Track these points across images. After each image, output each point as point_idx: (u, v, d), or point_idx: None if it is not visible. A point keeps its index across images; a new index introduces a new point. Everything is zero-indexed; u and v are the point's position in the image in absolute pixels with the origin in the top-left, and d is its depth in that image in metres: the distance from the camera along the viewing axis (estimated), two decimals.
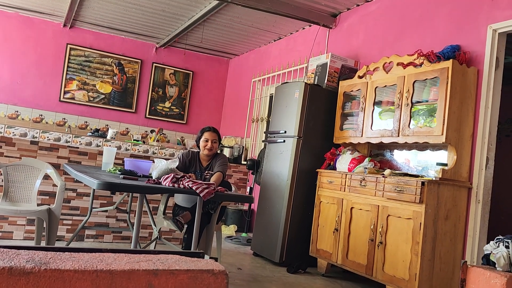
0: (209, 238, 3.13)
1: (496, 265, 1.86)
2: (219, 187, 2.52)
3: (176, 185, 2.40)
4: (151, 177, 2.75)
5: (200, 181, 2.43)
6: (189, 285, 1.02)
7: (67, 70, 6.56)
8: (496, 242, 1.95)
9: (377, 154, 3.97)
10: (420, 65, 3.30)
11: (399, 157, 3.78)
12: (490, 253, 1.94)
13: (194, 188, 2.33)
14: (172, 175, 2.44)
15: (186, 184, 2.37)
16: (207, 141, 3.36)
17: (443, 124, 3.04)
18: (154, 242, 3.22)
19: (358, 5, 4.55)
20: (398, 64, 3.50)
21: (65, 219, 3.98)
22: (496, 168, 3.19)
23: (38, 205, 3.43)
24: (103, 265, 0.98)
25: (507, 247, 1.82)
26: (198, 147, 3.45)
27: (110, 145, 4.40)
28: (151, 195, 3.83)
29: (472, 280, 1.84)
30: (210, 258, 1.17)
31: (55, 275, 0.93)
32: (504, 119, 5.71)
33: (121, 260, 1.02)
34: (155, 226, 3.02)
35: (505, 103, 3.23)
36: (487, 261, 1.96)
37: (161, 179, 2.50)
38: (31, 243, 3.48)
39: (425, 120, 3.34)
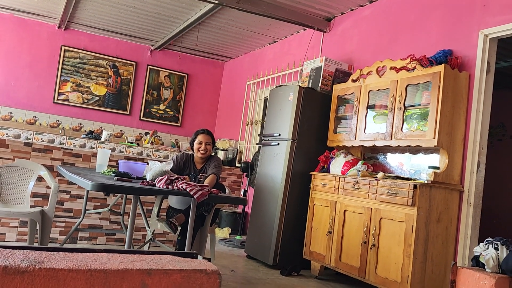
0: (202, 240, 3.14)
1: (486, 267, 1.88)
2: (213, 189, 2.53)
3: (170, 187, 2.41)
4: (145, 179, 2.76)
5: (194, 183, 2.44)
6: (182, 285, 1.03)
7: (61, 72, 6.55)
8: (485, 244, 1.97)
9: (370, 157, 4.00)
10: (413, 69, 3.33)
11: (392, 160, 3.81)
12: (480, 255, 1.96)
13: (188, 190, 2.34)
14: (166, 177, 2.45)
15: (180, 186, 2.38)
16: (200, 143, 3.37)
17: (435, 128, 3.08)
18: (148, 244, 3.22)
19: (352, 10, 4.59)
20: (391, 68, 3.53)
21: (58, 221, 3.96)
22: (489, 172, 3.23)
23: (31, 207, 3.42)
24: (97, 264, 0.99)
25: (496, 248, 1.85)
26: (192, 149, 3.47)
27: (104, 147, 4.39)
28: (145, 197, 3.83)
29: (462, 281, 1.86)
30: (204, 258, 1.18)
31: (50, 274, 0.94)
32: (496, 123, 5.78)
33: (115, 260, 1.03)
34: (149, 228, 3.02)
35: (497, 107, 3.27)
36: (476, 263, 1.99)
37: (155, 180, 2.51)
38: (24, 245, 3.46)
39: (418, 123, 3.37)
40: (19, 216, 3.19)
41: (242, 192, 5.83)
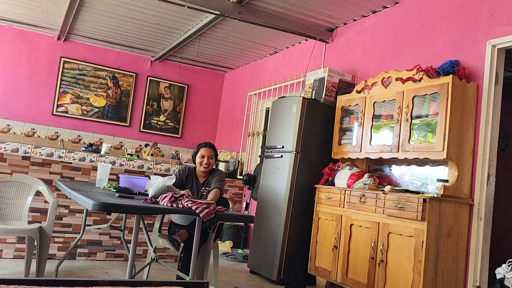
0: (206, 257, 3.05)
1: None
2: (219, 207, 2.45)
3: (174, 205, 2.33)
4: (147, 195, 2.67)
5: (200, 201, 2.35)
6: None
7: (60, 83, 6.48)
8: (508, 265, 1.89)
9: (376, 170, 3.92)
10: (420, 80, 3.27)
11: (398, 172, 3.73)
12: (504, 278, 1.88)
13: (193, 208, 2.26)
14: (170, 194, 2.36)
15: (185, 203, 2.29)
16: (203, 157, 3.28)
17: (444, 140, 3.01)
18: (150, 264, 3.12)
19: (355, 20, 4.55)
20: (397, 79, 3.47)
21: (57, 236, 3.87)
22: None
23: (29, 222, 3.33)
24: None
25: None
26: (194, 162, 3.38)
27: (104, 161, 4.31)
28: None
29: None
30: None
31: None
32: (499, 133, 5.72)
33: None
34: (151, 246, 2.92)
35: (500, 117, 3.21)
36: (501, 286, 1.90)
37: (159, 198, 2.42)
38: (21, 263, 3.36)
39: (425, 135, 3.30)
40: (16, 234, 3.09)
41: (244, 205, 5.74)
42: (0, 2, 5.28)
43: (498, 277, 1.96)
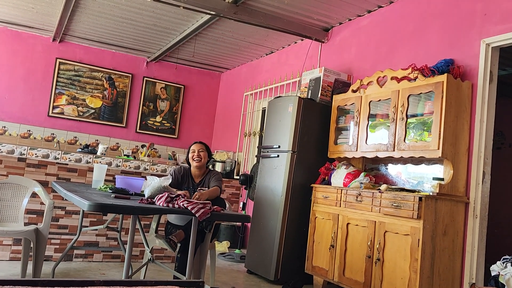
0: (202, 257, 3.04)
1: (506, 287, 1.81)
2: (215, 206, 2.45)
3: (170, 205, 2.33)
4: (143, 195, 2.67)
5: (196, 201, 2.35)
6: None
7: (56, 85, 6.46)
8: (503, 262, 1.90)
9: (372, 169, 3.93)
10: (415, 79, 3.28)
11: (394, 171, 3.75)
12: (498, 274, 1.89)
13: (189, 208, 2.26)
14: (166, 195, 2.37)
15: (181, 203, 2.29)
16: (194, 151, 3.33)
17: (439, 139, 3.02)
18: (147, 264, 3.11)
19: (350, 20, 4.56)
20: (392, 78, 3.48)
21: (53, 238, 3.86)
22: None
23: (25, 224, 3.32)
24: None
25: None
26: (189, 163, 3.41)
27: (100, 162, 4.30)
28: None
29: None
30: None
31: None
32: (495, 131, 5.75)
33: None
34: (148, 246, 2.92)
35: (495, 116, 3.23)
36: (495, 283, 1.91)
37: (155, 198, 2.42)
38: (18, 265, 3.35)
39: (421, 134, 3.31)
40: (12, 235, 3.09)
41: (241, 205, 5.73)
42: None
43: (493, 274, 1.97)
